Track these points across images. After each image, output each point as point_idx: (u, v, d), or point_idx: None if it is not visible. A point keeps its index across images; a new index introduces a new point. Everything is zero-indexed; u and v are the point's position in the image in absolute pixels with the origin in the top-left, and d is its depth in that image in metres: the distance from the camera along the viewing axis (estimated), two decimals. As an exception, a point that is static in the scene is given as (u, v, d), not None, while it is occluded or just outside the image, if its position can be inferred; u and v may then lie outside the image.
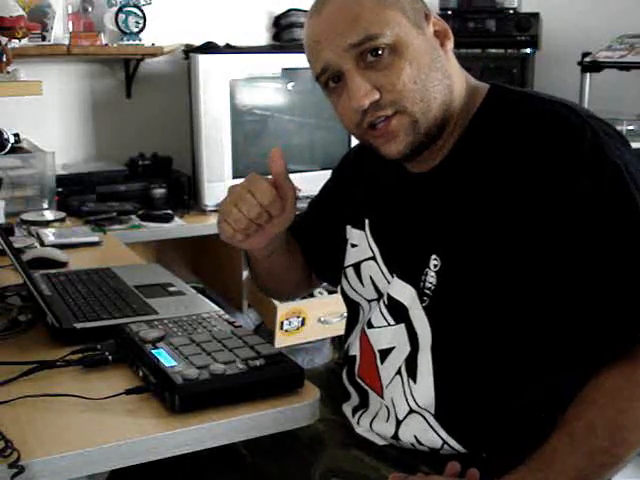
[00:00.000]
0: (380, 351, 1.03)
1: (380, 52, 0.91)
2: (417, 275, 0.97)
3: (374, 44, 0.91)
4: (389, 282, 1.03)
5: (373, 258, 1.06)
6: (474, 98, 0.98)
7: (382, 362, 1.03)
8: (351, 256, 1.11)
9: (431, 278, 0.95)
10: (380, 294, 1.05)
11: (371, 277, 1.07)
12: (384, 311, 1.03)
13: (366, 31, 0.91)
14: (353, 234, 1.11)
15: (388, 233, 1.05)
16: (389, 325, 1.02)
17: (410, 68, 0.92)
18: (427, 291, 0.96)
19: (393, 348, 1.01)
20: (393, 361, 1.01)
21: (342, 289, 1.14)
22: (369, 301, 1.08)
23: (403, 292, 0.99)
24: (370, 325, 1.05)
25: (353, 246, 1.11)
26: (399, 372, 1.00)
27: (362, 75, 0.92)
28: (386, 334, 1.02)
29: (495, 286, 0.90)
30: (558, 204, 0.86)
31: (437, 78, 0.93)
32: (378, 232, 1.07)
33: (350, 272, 1.11)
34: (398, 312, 1.00)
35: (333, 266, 1.16)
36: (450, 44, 0.97)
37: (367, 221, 1.08)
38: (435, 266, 0.95)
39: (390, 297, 1.02)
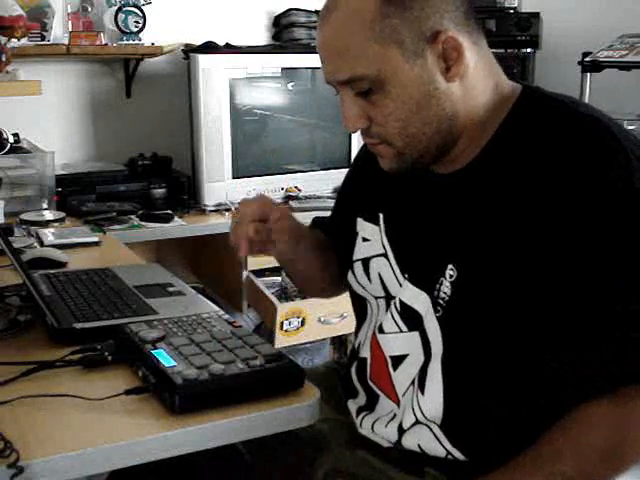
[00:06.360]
0: (392, 357, 1.01)
1: (367, 89, 0.91)
2: (432, 283, 0.95)
3: (360, 85, 0.91)
4: (400, 284, 1.01)
5: (385, 255, 1.04)
6: (504, 104, 0.94)
7: (395, 369, 1.01)
8: (361, 250, 1.09)
9: (446, 288, 0.93)
10: (388, 293, 1.04)
11: (380, 275, 1.05)
12: (396, 317, 1.01)
13: (352, 71, 0.90)
14: (365, 227, 1.09)
15: (403, 233, 1.03)
16: (401, 332, 1.00)
17: (394, 106, 0.90)
18: (441, 301, 0.94)
19: (406, 356, 0.99)
20: (408, 370, 0.99)
21: (349, 282, 1.13)
22: (376, 298, 1.07)
23: (418, 299, 0.97)
24: (381, 330, 1.03)
25: (365, 240, 1.09)
26: (413, 383, 0.99)
27: (354, 102, 0.93)
28: (398, 341, 1.00)
29: (510, 301, 0.88)
30: (579, 228, 0.84)
31: (429, 113, 0.90)
32: (392, 229, 1.05)
33: (358, 266, 1.09)
34: (412, 320, 0.98)
35: (343, 258, 1.14)
36: (461, 64, 0.89)
37: (381, 216, 1.06)
38: (451, 276, 0.93)
39: (403, 303, 1.00)
